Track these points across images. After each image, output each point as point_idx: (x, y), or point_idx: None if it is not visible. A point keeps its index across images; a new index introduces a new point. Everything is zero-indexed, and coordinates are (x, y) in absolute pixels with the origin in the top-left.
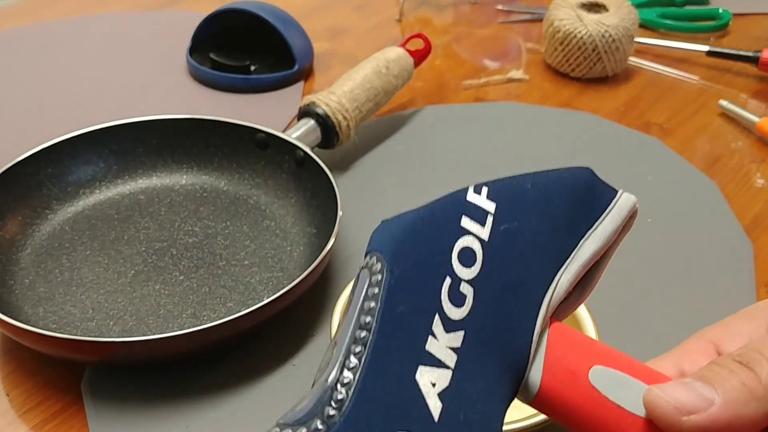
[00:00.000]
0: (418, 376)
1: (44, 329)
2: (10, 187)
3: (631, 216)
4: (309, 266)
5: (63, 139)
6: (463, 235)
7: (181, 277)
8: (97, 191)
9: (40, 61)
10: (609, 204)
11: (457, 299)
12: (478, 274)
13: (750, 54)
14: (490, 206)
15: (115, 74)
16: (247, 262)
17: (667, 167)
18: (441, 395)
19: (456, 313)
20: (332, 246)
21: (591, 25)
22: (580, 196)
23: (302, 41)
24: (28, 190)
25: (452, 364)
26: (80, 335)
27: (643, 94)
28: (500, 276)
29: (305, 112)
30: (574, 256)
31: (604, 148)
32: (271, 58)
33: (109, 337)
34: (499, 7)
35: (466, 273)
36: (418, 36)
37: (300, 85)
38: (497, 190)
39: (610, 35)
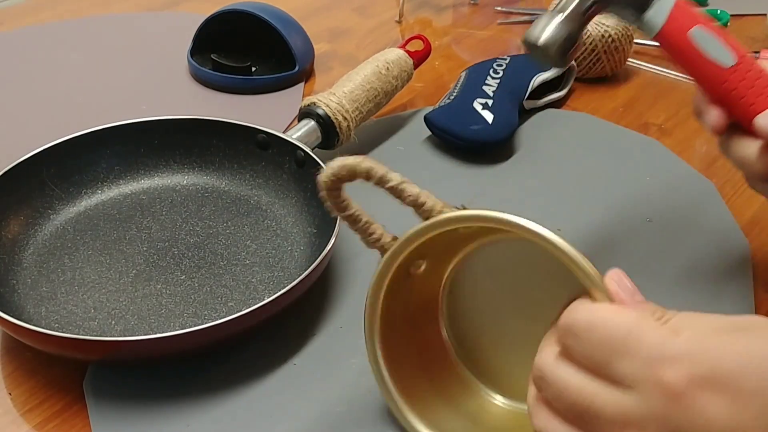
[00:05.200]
0: (474, 104)
1: (46, 328)
2: (13, 187)
3: None
4: (309, 266)
5: (65, 140)
6: (491, 68)
7: (183, 277)
8: (99, 191)
9: (42, 61)
10: None
11: (495, 76)
12: (503, 74)
13: None
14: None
15: (117, 75)
16: (248, 262)
17: (665, 168)
18: (488, 109)
19: (492, 81)
20: (332, 246)
21: (591, 25)
22: None
23: (303, 42)
24: (31, 191)
25: (492, 94)
26: (82, 334)
27: (642, 95)
28: (510, 74)
29: (306, 113)
30: None
31: (602, 149)
32: (272, 59)
33: (110, 336)
34: (498, 8)
35: (497, 73)
36: (418, 37)
37: (300, 86)
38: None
39: (610, 35)
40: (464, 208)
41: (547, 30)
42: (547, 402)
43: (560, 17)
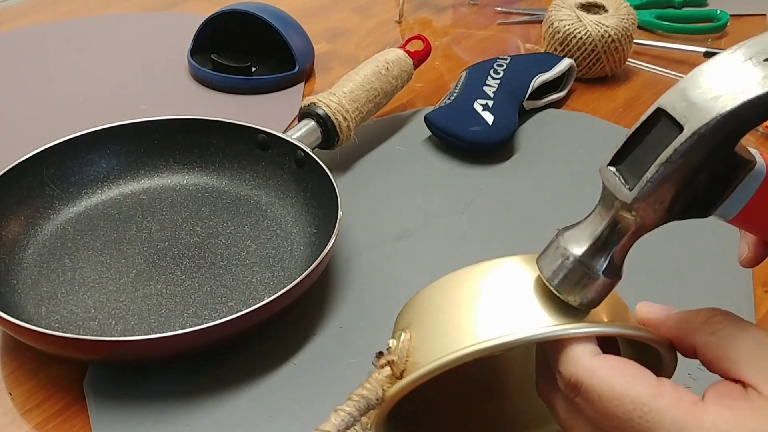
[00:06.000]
0: (475, 105)
1: (47, 328)
2: (13, 187)
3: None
4: (309, 266)
5: (65, 140)
6: (491, 68)
7: (183, 277)
8: (99, 191)
9: (42, 61)
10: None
11: (495, 76)
12: (503, 74)
13: None
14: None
15: (117, 75)
16: (248, 262)
17: None
18: (488, 110)
19: (493, 82)
20: (333, 246)
21: (590, 25)
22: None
23: (303, 42)
24: (31, 191)
25: (492, 95)
26: (82, 334)
27: (642, 95)
28: (510, 75)
29: (306, 113)
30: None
31: (602, 149)
32: (272, 60)
33: (111, 336)
34: (498, 8)
35: (497, 74)
36: (418, 37)
37: (300, 86)
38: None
39: (609, 36)
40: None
41: (560, 272)
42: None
43: (576, 252)
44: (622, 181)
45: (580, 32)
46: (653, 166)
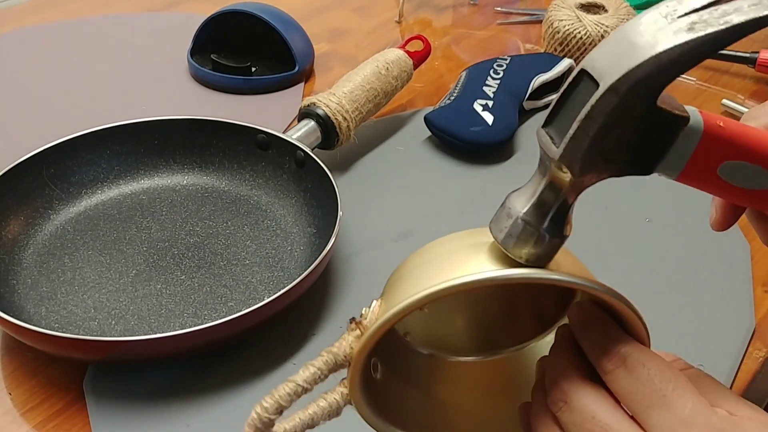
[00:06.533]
0: (474, 105)
1: (47, 328)
2: (13, 187)
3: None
4: (309, 266)
5: (65, 140)
6: (491, 68)
7: (183, 277)
8: (99, 191)
9: (42, 61)
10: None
11: (495, 76)
12: (503, 74)
13: (747, 55)
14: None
15: (117, 75)
16: (247, 262)
17: None
18: (488, 110)
19: (493, 82)
20: (332, 246)
21: (590, 25)
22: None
23: (303, 43)
24: (31, 191)
25: (492, 95)
26: (82, 334)
27: None
28: (510, 75)
29: (306, 113)
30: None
31: None
32: (272, 60)
33: (110, 336)
34: (498, 8)
35: (497, 74)
36: (418, 37)
37: (300, 86)
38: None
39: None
40: (356, 321)
41: (507, 231)
42: (558, 424)
43: (520, 212)
44: (551, 141)
45: (579, 32)
46: (574, 124)
